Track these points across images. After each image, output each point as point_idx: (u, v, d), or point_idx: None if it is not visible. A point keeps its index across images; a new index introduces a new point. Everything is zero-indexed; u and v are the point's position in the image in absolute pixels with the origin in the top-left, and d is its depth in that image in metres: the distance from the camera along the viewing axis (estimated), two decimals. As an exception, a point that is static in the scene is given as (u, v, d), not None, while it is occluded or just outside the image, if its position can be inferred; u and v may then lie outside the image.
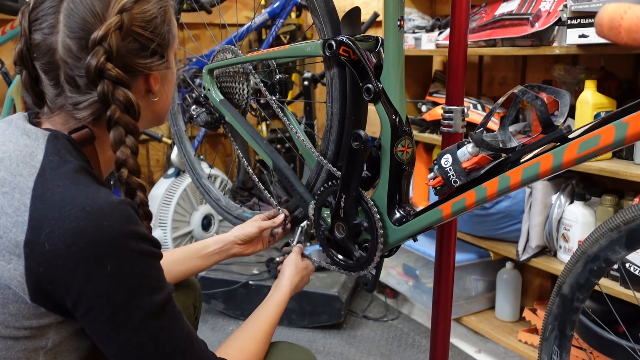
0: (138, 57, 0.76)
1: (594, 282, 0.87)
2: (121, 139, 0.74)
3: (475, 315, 2.07)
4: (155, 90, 0.81)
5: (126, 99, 0.74)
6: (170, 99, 0.88)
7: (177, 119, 1.56)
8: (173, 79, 0.87)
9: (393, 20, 0.97)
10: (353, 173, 1.01)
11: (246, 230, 1.23)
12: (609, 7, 0.51)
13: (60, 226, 0.66)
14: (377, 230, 1.02)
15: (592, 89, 1.57)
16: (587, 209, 1.65)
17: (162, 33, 0.79)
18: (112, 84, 0.73)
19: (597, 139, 0.72)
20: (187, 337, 0.76)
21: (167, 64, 0.82)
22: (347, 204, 1.04)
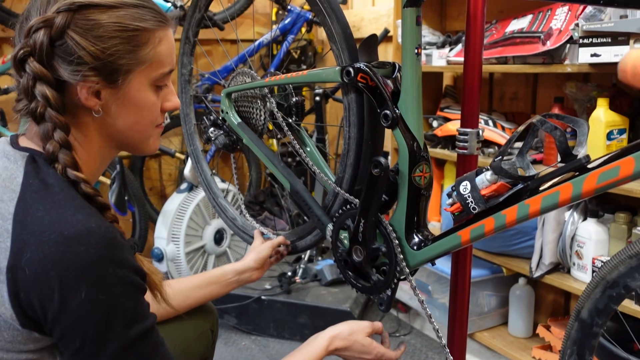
0: (65, 62, 0.73)
1: (613, 308, 0.88)
2: (48, 133, 0.72)
3: (488, 331, 2.07)
4: (89, 105, 0.76)
5: (44, 94, 0.72)
6: (133, 127, 0.81)
7: (193, 139, 1.59)
8: (137, 106, 0.80)
9: (411, 48, 0.99)
10: (372, 198, 1.02)
11: (262, 254, 1.25)
12: (632, 54, 0.52)
13: (40, 251, 0.65)
14: (395, 254, 1.03)
15: (604, 107, 1.58)
16: (600, 226, 1.65)
17: (106, 47, 0.73)
18: (32, 78, 0.72)
19: (616, 170, 0.73)
20: None
21: (114, 83, 0.76)
22: (366, 229, 1.06)
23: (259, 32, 2.97)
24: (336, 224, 1.14)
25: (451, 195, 0.94)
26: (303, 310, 2.20)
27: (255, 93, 1.30)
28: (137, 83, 0.78)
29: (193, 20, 1.46)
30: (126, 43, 0.75)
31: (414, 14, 0.98)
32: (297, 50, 2.90)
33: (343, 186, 1.15)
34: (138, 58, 0.77)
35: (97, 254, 0.67)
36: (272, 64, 2.74)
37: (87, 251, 0.66)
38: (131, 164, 2.83)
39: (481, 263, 2.04)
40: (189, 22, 1.47)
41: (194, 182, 2.57)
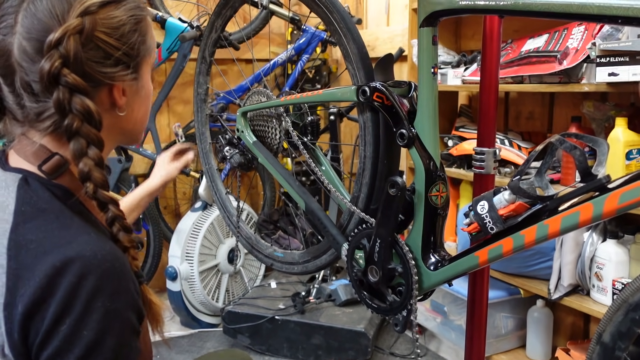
0: (100, 66, 0.70)
1: (636, 332, 0.86)
2: (82, 150, 0.68)
3: (506, 354, 2.03)
4: (120, 104, 0.75)
5: (84, 107, 0.68)
6: (143, 117, 0.81)
7: (209, 157, 1.59)
8: (147, 95, 0.80)
9: (427, 67, 0.99)
10: (389, 218, 1.02)
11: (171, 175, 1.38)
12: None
13: (31, 285, 0.62)
14: (411, 275, 1.02)
15: (623, 126, 1.56)
16: (620, 248, 1.62)
17: (130, 42, 0.73)
18: (69, 91, 0.67)
19: (638, 190, 0.72)
20: None
21: (136, 76, 0.76)
22: (382, 249, 1.04)
23: (274, 52, 2.99)
24: (351, 244, 1.13)
25: (468, 215, 0.93)
26: (317, 330, 2.17)
27: (270, 112, 1.31)
28: (146, 72, 0.78)
29: (209, 40, 1.48)
30: (140, 34, 0.74)
31: (430, 34, 0.98)
32: (312, 70, 2.91)
33: (358, 205, 1.14)
34: (147, 47, 0.76)
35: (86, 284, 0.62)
36: (287, 83, 2.76)
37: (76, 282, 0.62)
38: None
39: (498, 284, 2.01)
40: (205, 42, 1.49)
41: (209, 201, 2.58)
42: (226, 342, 2.35)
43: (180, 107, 2.94)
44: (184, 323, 2.56)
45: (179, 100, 2.92)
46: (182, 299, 2.46)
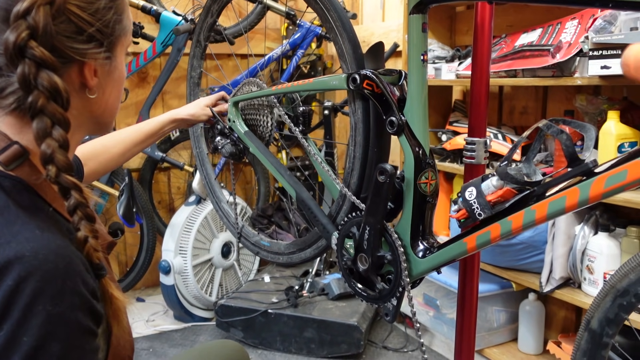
0: (71, 41, 0.66)
1: (623, 317, 0.86)
2: (46, 130, 0.63)
3: (498, 347, 2.04)
4: (91, 85, 0.70)
5: (51, 83, 0.63)
6: (115, 102, 0.77)
7: (199, 141, 1.60)
8: (120, 79, 0.76)
9: (416, 54, 0.99)
10: (378, 206, 1.01)
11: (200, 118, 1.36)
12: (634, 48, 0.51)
13: None
14: (400, 262, 1.02)
15: (615, 120, 1.57)
16: (612, 240, 1.63)
17: (105, 19, 0.69)
18: (35, 65, 0.62)
19: (624, 174, 0.72)
20: None
21: (109, 55, 0.71)
22: (371, 236, 1.04)
23: (269, 47, 2.99)
24: (341, 232, 1.13)
25: (457, 202, 0.93)
26: (310, 324, 2.18)
27: (262, 102, 1.31)
28: (120, 53, 0.74)
29: (205, 24, 1.48)
30: (116, 12, 0.71)
31: (420, 21, 0.98)
32: (307, 65, 2.91)
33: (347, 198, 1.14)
34: (123, 27, 0.73)
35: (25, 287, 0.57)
36: (282, 78, 2.76)
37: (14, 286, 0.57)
38: (140, 176, 2.85)
39: (490, 278, 2.01)
40: (200, 25, 1.49)
41: (202, 195, 2.58)
42: (219, 336, 2.35)
43: (175, 101, 2.94)
44: (177, 317, 2.56)
45: (173, 95, 2.92)
46: (175, 292, 2.46)
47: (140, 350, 2.23)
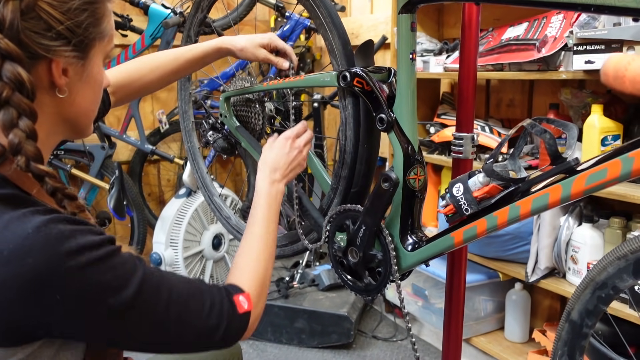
0: (39, 37, 0.66)
1: (602, 309, 0.89)
2: (12, 121, 0.64)
3: (485, 336, 2.08)
4: (60, 83, 0.70)
5: (15, 75, 0.64)
6: (89, 107, 0.77)
7: (191, 135, 1.61)
8: (95, 83, 0.76)
9: (405, 53, 1.01)
10: (377, 210, 1.04)
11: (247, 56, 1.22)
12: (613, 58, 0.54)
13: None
14: (390, 256, 1.05)
15: (598, 113, 1.60)
16: (595, 231, 1.67)
17: (78, 20, 0.69)
18: (1, 57, 0.63)
19: (604, 172, 0.75)
20: (177, 303, 0.73)
21: (81, 56, 0.71)
22: (366, 236, 1.07)
23: (258, 39, 2.99)
24: (332, 225, 1.16)
25: (444, 197, 0.96)
26: (300, 314, 2.21)
27: (253, 97, 1.32)
28: (97, 58, 0.74)
29: (195, 19, 1.49)
30: (92, 15, 0.71)
31: (409, 20, 1.00)
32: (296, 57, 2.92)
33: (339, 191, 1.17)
34: (100, 31, 0.73)
35: (47, 258, 0.61)
36: (271, 70, 2.76)
37: (36, 260, 0.61)
38: (130, 169, 2.85)
39: (477, 268, 2.05)
40: (190, 21, 1.49)
41: (193, 188, 2.59)
42: (211, 327, 2.38)
43: (164, 93, 2.93)
44: (169, 309, 2.58)
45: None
46: (166, 284, 2.48)
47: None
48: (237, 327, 0.80)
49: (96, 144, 2.54)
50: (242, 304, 0.81)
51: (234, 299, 0.81)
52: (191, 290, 0.76)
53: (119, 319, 0.67)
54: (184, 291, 0.75)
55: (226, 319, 0.78)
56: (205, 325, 0.76)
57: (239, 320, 0.80)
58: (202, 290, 0.78)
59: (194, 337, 0.75)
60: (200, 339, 0.76)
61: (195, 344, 0.77)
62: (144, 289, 0.69)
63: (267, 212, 0.99)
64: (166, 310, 0.72)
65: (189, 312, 0.74)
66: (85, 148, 2.51)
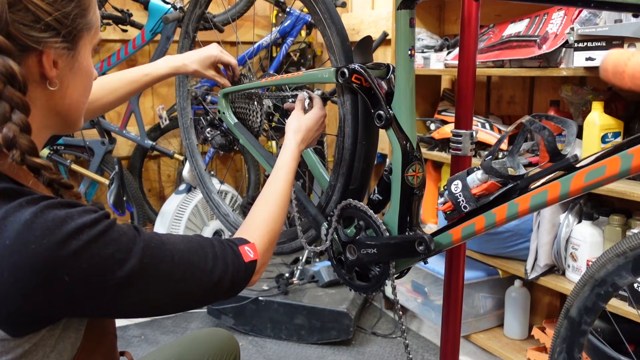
0: (28, 29, 0.66)
1: (601, 306, 0.89)
2: (5, 115, 0.64)
3: (484, 332, 2.08)
4: (51, 75, 0.70)
5: (7, 68, 0.64)
6: (80, 98, 0.77)
7: (189, 132, 1.61)
8: (85, 74, 0.76)
9: (404, 49, 1.00)
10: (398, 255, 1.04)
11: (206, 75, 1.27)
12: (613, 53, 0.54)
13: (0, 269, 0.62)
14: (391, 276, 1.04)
15: (599, 110, 1.59)
16: (595, 229, 1.66)
17: (65, 11, 0.69)
18: None
19: (603, 169, 0.75)
20: (180, 262, 0.75)
21: (70, 47, 0.71)
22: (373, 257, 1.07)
23: (258, 35, 2.99)
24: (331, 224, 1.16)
25: (443, 195, 0.95)
26: (300, 311, 2.21)
27: (251, 93, 1.32)
28: (85, 50, 0.75)
29: (193, 15, 1.48)
30: (80, 6, 0.71)
31: (408, 16, 0.99)
32: (297, 53, 2.91)
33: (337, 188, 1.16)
34: (87, 22, 0.73)
35: (49, 243, 0.62)
36: (271, 66, 2.76)
37: (39, 246, 0.62)
38: (130, 165, 2.85)
39: (477, 265, 2.05)
40: (189, 17, 1.49)
41: (193, 184, 2.59)
42: (210, 323, 2.38)
43: (164, 89, 2.93)
44: (169, 304, 2.58)
45: (163, 83, 2.90)
46: (166, 280, 2.48)
47: (132, 337, 2.25)
48: (244, 276, 0.83)
49: (96, 140, 2.54)
50: (248, 253, 0.84)
51: (239, 248, 0.83)
52: (192, 247, 0.78)
53: (127, 288, 0.68)
54: (186, 249, 0.76)
55: (231, 269, 0.80)
56: (211, 278, 0.78)
57: (245, 269, 0.82)
58: (203, 245, 0.79)
59: (201, 291, 0.77)
60: (208, 291, 0.78)
61: (204, 298, 0.79)
62: (147, 254, 0.70)
63: (289, 175, 1.03)
64: (171, 271, 0.73)
65: (194, 268, 0.76)
66: (86, 143, 2.51)
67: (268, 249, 0.90)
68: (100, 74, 2.55)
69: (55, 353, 0.71)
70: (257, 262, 0.84)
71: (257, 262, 0.85)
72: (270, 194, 0.99)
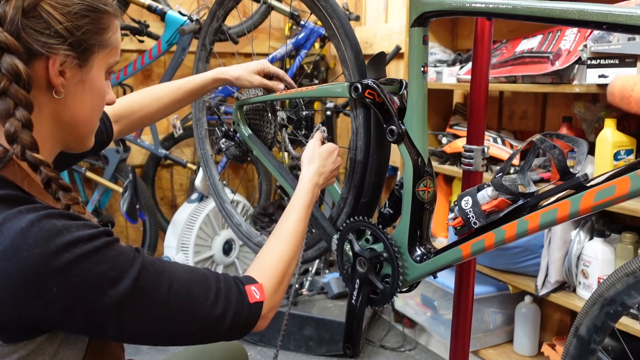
0: (38, 34, 0.69)
1: (610, 325, 0.89)
2: (9, 111, 0.67)
3: (494, 348, 2.07)
4: (56, 83, 0.72)
5: (13, 67, 0.67)
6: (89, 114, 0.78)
7: (204, 143, 1.63)
8: (97, 92, 0.78)
9: (417, 66, 1.01)
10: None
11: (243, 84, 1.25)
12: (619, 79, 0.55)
13: None
14: (397, 267, 1.05)
15: (612, 127, 1.59)
16: (606, 246, 1.66)
17: (78, 24, 0.71)
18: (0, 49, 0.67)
19: (613, 189, 0.75)
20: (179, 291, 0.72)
21: (80, 58, 0.73)
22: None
23: (272, 47, 3.02)
24: (342, 236, 1.17)
25: (453, 210, 0.96)
26: (309, 322, 2.21)
27: (265, 106, 1.34)
28: (97, 67, 0.77)
29: (210, 28, 1.51)
30: (95, 24, 0.74)
31: (421, 34, 1.01)
32: (310, 65, 2.94)
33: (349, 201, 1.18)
34: (103, 41, 0.76)
35: (42, 251, 0.63)
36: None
37: (31, 254, 0.62)
38: (143, 173, 2.88)
39: (487, 280, 2.05)
40: (206, 30, 1.51)
41: (205, 193, 2.61)
42: (219, 332, 2.39)
43: (179, 99, 2.96)
44: (179, 312, 2.60)
45: (177, 93, 2.94)
46: (177, 288, 2.50)
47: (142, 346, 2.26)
48: (248, 317, 0.78)
49: (111, 148, 2.58)
50: (254, 293, 0.80)
51: (245, 288, 0.80)
52: (195, 278, 0.76)
53: (118, 310, 0.67)
54: (187, 279, 0.74)
55: (234, 308, 0.77)
56: (211, 314, 0.75)
57: (249, 310, 0.79)
58: (207, 278, 0.77)
59: (199, 326, 0.75)
60: (206, 328, 0.75)
61: (201, 334, 0.76)
62: (143, 278, 0.69)
63: (303, 211, 0.99)
64: (167, 299, 0.71)
65: (193, 301, 0.73)
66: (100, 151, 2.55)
67: (277, 290, 0.85)
68: (116, 83, 2.60)
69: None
70: (262, 304, 0.81)
71: (262, 305, 0.81)
72: (282, 232, 0.94)
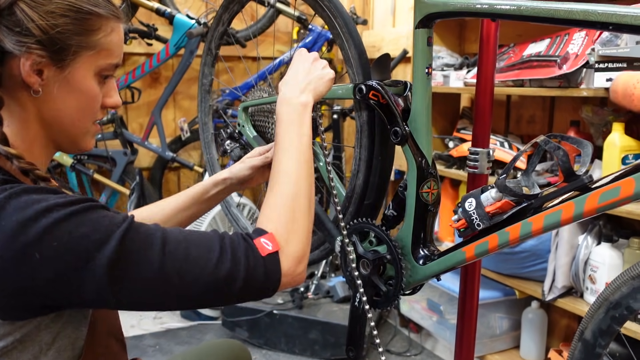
0: (12, 33, 0.69)
1: (616, 329, 0.88)
2: None
3: (500, 354, 2.05)
4: (30, 81, 0.71)
5: None
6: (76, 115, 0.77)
7: (210, 147, 1.63)
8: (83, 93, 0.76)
9: (421, 67, 1.01)
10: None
11: (240, 175, 1.13)
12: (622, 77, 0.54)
13: None
14: (400, 269, 1.05)
15: (619, 132, 1.58)
16: (614, 251, 1.64)
17: (56, 23, 0.71)
18: None
19: (617, 190, 0.74)
20: (174, 252, 0.69)
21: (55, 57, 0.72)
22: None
23: (279, 50, 3.03)
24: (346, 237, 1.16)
25: (457, 212, 0.96)
26: (314, 325, 2.20)
27: (270, 107, 1.34)
28: (83, 69, 0.75)
29: (216, 33, 1.51)
30: (77, 24, 0.72)
31: (426, 35, 1.00)
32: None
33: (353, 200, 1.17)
34: (88, 42, 0.74)
35: (18, 218, 0.63)
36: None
37: (9, 222, 0.63)
38: (150, 175, 2.89)
39: (493, 285, 2.03)
40: (212, 34, 1.52)
41: (212, 195, 2.61)
42: (225, 335, 2.39)
43: (187, 102, 2.98)
44: (184, 315, 2.60)
45: (185, 96, 2.96)
46: (182, 291, 2.50)
47: (147, 347, 2.27)
48: (265, 272, 0.72)
49: (119, 150, 2.59)
50: (265, 245, 0.73)
51: (254, 242, 0.73)
52: (194, 239, 0.71)
53: (109, 274, 0.65)
54: (184, 240, 0.70)
55: (244, 265, 0.71)
56: (216, 274, 0.70)
57: (264, 264, 0.72)
58: (209, 238, 0.72)
59: (203, 288, 0.70)
60: (214, 290, 0.70)
61: (209, 297, 0.71)
62: (131, 239, 0.67)
63: (289, 136, 0.86)
64: (161, 260, 0.68)
65: (191, 260, 0.69)
66: (108, 154, 2.56)
67: (292, 234, 0.76)
68: (124, 86, 2.61)
69: (53, 351, 0.71)
70: (277, 254, 0.73)
71: (278, 254, 0.73)
72: (278, 173, 0.83)
